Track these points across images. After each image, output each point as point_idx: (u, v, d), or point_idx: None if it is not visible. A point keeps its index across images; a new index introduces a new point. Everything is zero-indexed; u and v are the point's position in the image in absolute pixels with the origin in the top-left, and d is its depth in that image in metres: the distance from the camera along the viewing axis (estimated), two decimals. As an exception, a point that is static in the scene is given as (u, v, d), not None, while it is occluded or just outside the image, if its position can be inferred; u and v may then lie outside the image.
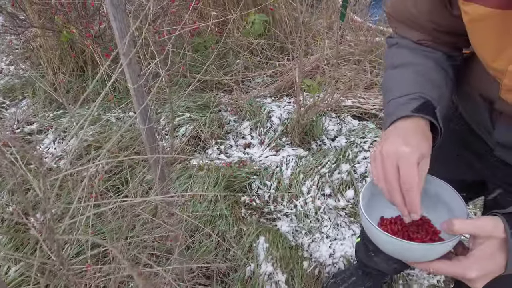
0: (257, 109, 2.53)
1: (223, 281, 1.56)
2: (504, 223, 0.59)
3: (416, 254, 0.63)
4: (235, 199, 1.93)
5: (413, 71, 0.76)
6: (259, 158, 2.22)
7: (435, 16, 0.74)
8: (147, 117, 1.05)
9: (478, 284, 0.61)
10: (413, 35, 0.80)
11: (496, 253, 0.59)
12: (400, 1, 0.78)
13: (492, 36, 0.61)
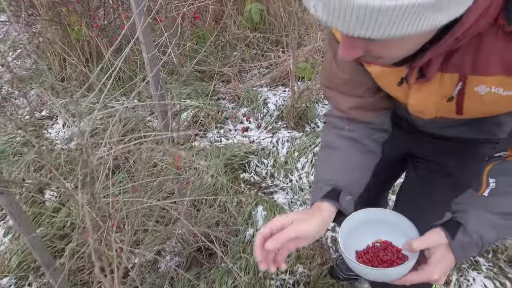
0: (254, 96, 2.68)
1: (225, 244, 1.70)
2: (444, 231, 0.78)
3: (393, 275, 0.81)
4: (234, 175, 2.07)
5: (335, 157, 0.95)
6: (257, 141, 2.36)
7: (358, 76, 0.90)
8: (159, 84, 1.20)
9: (441, 281, 0.79)
10: (345, 102, 0.95)
11: (445, 255, 0.77)
12: (331, 71, 0.93)
13: (391, 83, 0.84)
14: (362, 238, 0.89)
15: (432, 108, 0.85)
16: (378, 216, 0.90)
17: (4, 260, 1.56)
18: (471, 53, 0.71)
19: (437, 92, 0.80)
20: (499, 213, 0.76)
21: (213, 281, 1.51)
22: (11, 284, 1.53)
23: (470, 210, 0.78)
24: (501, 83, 0.71)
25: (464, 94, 0.77)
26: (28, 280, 1.54)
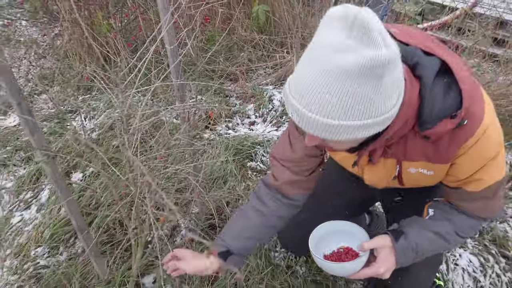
0: (260, 93, 2.87)
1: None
2: (390, 236, 1.04)
3: (350, 268, 1.06)
4: (242, 164, 2.26)
5: (240, 223, 1.22)
6: (263, 134, 2.55)
7: (303, 160, 1.16)
8: (179, 73, 1.39)
9: (386, 275, 1.04)
10: (284, 175, 1.19)
11: (389, 255, 1.04)
12: (284, 147, 1.18)
13: (350, 161, 1.12)
14: (328, 245, 1.18)
15: (383, 182, 1.14)
16: (341, 227, 1.20)
17: (38, 233, 1.75)
18: (401, 147, 0.99)
19: (383, 171, 1.08)
20: (432, 231, 1.05)
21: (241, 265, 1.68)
22: (45, 253, 1.72)
23: (413, 225, 1.07)
24: (424, 166, 1.01)
25: (402, 173, 1.06)
26: (59, 250, 1.73)
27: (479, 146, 0.91)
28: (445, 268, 1.73)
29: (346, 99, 0.73)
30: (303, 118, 0.77)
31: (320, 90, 0.73)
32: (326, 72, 0.72)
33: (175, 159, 1.55)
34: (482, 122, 0.88)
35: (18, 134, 2.43)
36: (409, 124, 0.90)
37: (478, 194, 1.00)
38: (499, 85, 2.54)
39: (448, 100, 0.86)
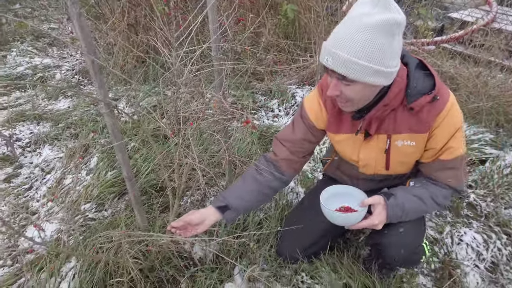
0: (284, 90, 3.11)
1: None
2: (383, 196, 1.32)
3: (352, 218, 1.31)
4: (266, 148, 2.48)
5: (240, 186, 1.48)
6: (285, 125, 2.77)
7: (303, 142, 1.47)
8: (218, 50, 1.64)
9: (379, 226, 1.30)
10: (282, 152, 1.49)
11: (382, 210, 1.30)
12: (287, 130, 1.51)
13: (348, 147, 1.42)
14: (332, 204, 1.39)
15: (372, 162, 1.41)
16: (344, 190, 1.45)
17: (87, 191, 2.01)
18: (391, 121, 1.30)
19: (376, 147, 1.36)
20: (414, 194, 1.33)
21: (247, 215, 1.90)
22: (92, 208, 1.97)
23: (399, 190, 1.35)
24: (408, 138, 1.31)
25: (390, 149, 1.35)
26: (104, 206, 1.98)
27: (449, 118, 1.25)
28: (450, 242, 1.88)
29: (367, 46, 1.05)
30: (335, 58, 1.06)
31: (349, 38, 1.05)
32: (355, 28, 1.05)
33: (207, 137, 1.78)
34: (449, 99, 1.26)
35: (68, 114, 2.74)
36: (399, 97, 1.24)
37: (450, 163, 1.32)
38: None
39: (426, 83, 1.24)
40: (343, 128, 1.39)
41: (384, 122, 1.31)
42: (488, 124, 2.65)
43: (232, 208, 1.43)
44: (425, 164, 1.38)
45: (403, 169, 1.44)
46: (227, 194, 1.45)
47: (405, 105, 1.25)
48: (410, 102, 1.23)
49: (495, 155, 2.39)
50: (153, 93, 3.00)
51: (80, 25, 1.24)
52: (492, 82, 2.80)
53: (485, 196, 2.15)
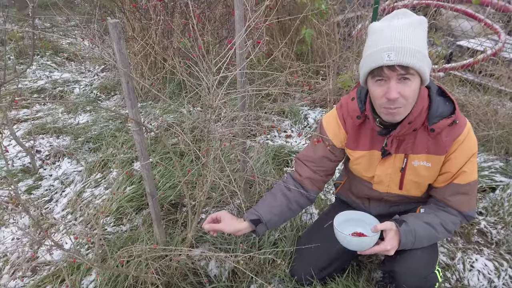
0: (297, 111, 3.18)
1: (271, 214, 2.13)
2: (395, 223, 1.36)
3: (365, 243, 1.34)
4: (279, 168, 2.53)
5: (270, 201, 1.55)
6: (298, 145, 2.83)
7: (323, 160, 1.54)
8: (243, 75, 1.71)
9: (391, 252, 1.33)
10: (305, 171, 1.57)
11: (394, 237, 1.34)
12: (307, 151, 1.59)
13: (366, 163, 1.48)
14: (345, 229, 1.42)
15: (387, 179, 1.47)
16: (357, 216, 1.50)
17: (107, 205, 2.06)
18: (410, 142, 1.36)
19: (393, 165, 1.43)
20: (424, 221, 1.38)
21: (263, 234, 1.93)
22: (111, 222, 2.02)
23: (410, 216, 1.39)
24: (425, 159, 1.37)
25: (406, 168, 1.41)
26: (123, 221, 2.03)
27: (466, 143, 1.32)
28: (461, 268, 1.91)
29: (416, 35, 1.16)
30: (399, 50, 1.13)
31: (403, 32, 1.15)
32: (398, 27, 1.16)
33: (225, 154, 1.84)
34: (466, 125, 1.33)
35: (87, 129, 2.82)
36: (422, 117, 1.30)
37: (463, 188, 1.36)
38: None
39: (447, 107, 1.32)
40: (361, 145, 1.46)
41: (403, 142, 1.37)
42: (498, 152, 2.69)
43: (263, 221, 1.49)
44: (438, 188, 1.43)
45: (416, 191, 1.49)
46: (259, 208, 1.52)
47: (426, 126, 1.32)
48: (431, 124, 1.30)
49: (505, 183, 2.42)
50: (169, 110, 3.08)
51: (118, 48, 1.32)
52: (502, 111, 2.86)
53: (496, 224, 2.18)
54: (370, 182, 1.54)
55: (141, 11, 2.96)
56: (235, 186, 1.56)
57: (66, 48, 4.48)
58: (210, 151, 1.45)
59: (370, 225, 1.42)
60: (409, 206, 1.58)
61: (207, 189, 1.72)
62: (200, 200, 1.71)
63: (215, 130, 1.35)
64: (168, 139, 2.62)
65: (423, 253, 1.43)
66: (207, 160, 1.47)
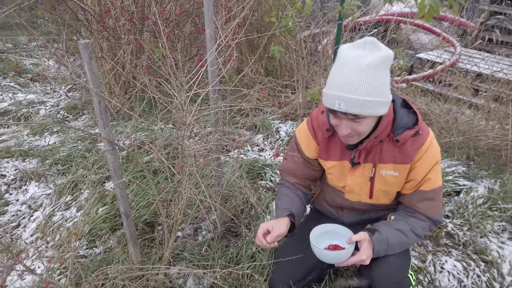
0: (268, 125, 3.23)
1: (249, 228, 2.14)
2: (367, 232, 1.41)
3: (341, 256, 1.38)
4: (254, 182, 2.55)
5: (288, 199, 1.62)
6: (271, 158, 2.87)
7: (304, 169, 1.62)
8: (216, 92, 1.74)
9: (367, 261, 1.37)
10: (291, 179, 1.66)
11: (368, 246, 1.38)
12: (287, 162, 1.66)
13: (337, 172, 1.53)
14: (321, 243, 1.47)
15: (357, 189, 1.53)
16: (332, 229, 1.53)
17: (79, 228, 2.00)
18: (378, 152, 1.43)
19: (362, 175, 1.49)
20: (395, 228, 1.44)
21: (240, 248, 1.94)
22: (83, 245, 1.96)
23: (382, 225, 1.46)
24: (392, 168, 1.44)
25: (375, 177, 1.47)
26: (95, 243, 1.97)
27: (429, 151, 1.40)
28: (432, 270, 1.98)
29: (372, 82, 1.17)
30: (348, 101, 1.18)
31: (355, 80, 1.17)
32: (358, 69, 1.17)
33: (200, 170, 1.85)
34: (429, 135, 1.41)
35: (55, 151, 2.74)
36: (387, 130, 1.38)
37: (429, 194, 1.44)
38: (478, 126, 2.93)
39: (410, 118, 1.39)
40: (332, 156, 1.52)
41: (371, 153, 1.44)
42: (460, 157, 2.84)
43: (295, 213, 1.54)
44: (406, 196, 1.50)
45: (385, 199, 1.55)
46: (285, 205, 1.57)
47: (391, 137, 1.39)
48: (396, 135, 1.37)
49: (468, 186, 2.55)
50: (140, 128, 3.05)
51: (89, 68, 1.32)
52: (462, 118, 3.03)
53: (462, 226, 2.28)
54: (342, 192, 1.59)
55: (109, 30, 2.95)
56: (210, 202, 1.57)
57: (30, 69, 4.36)
58: (185, 167, 1.46)
59: (345, 237, 1.45)
60: (379, 213, 1.64)
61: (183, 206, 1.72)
62: (176, 217, 1.70)
63: (189, 146, 1.36)
64: (141, 157, 2.60)
65: (396, 258, 1.49)
66: (182, 177, 1.48)
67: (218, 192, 2.05)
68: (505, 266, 2.00)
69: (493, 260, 2.02)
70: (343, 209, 1.68)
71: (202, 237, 2.06)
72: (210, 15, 1.54)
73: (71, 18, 3.40)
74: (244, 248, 1.95)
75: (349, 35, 3.91)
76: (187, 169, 1.44)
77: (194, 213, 1.81)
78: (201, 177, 2.15)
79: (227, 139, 1.51)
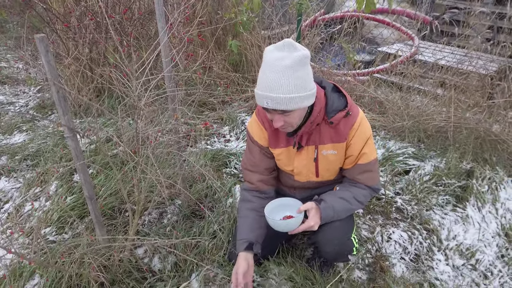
0: (234, 118, 3.38)
1: (212, 210, 2.28)
2: (315, 202, 1.59)
3: (292, 224, 1.53)
4: (218, 169, 2.69)
5: (246, 223, 1.70)
6: (236, 148, 3.02)
7: (262, 159, 1.73)
8: (170, 79, 1.87)
9: (315, 228, 1.54)
10: (253, 178, 1.75)
11: (315, 214, 1.55)
12: (247, 157, 1.77)
13: (285, 158, 1.69)
14: (276, 215, 1.62)
15: (304, 170, 1.67)
16: (284, 202, 1.68)
17: (47, 216, 2.10)
18: (317, 135, 1.59)
19: (307, 157, 1.64)
20: (339, 197, 1.62)
21: (202, 228, 2.08)
22: (52, 231, 2.06)
23: (327, 195, 1.63)
24: (331, 147, 1.60)
25: (318, 158, 1.63)
26: (65, 230, 2.08)
27: (360, 129, 1.58)
28: (380, 240, 2.17)
29: (293, 81, 1.33)
30: (274, 100, 1.33)
31: (277, 81, 1.32)
32: (277, 71, 1.33)
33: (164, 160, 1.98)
34: (358, 115, 1.59)
35: (24, 147, 2.81)
36: (321, 114, 1.54)
37: (366, 166, 1.63)
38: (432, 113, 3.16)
39: (340, 101, 1.56)
40: (280, 143, 1.67)
41: (312, 136, 1.60)
42: (411, 140, 3.06)
43: (254, 241, 1.65)
44: (347, 170, 1.69)
45: (330, 175, 1.72)
46: (242, 235, 1.67)
47: (326, 120, 1.56)
48: (330, 117, 1.54)
49: (417, 166, 2.76)
50: (109, 124, 3.15)
51: (46, 59, 1.44)
52: (412, 104, 3.25)
53: (410, 201, 2.48)
54: (292, 174, 1.75)
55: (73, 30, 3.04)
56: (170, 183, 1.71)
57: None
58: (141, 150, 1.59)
59: (296, 208, 1.61)
60: (327, 188, 1.81)
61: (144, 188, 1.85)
62: (139, 198, 1.83)
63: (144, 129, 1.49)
64: (107, 150, 2.70)
65: (340, 223, 1.66)
66: (138, 159, 1.61)
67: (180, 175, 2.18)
68: (444, 232, 2.21)
69: (434, 228, 2.22)
70: (295, 188, 1.84)
71: (167, 220, 2.18)
72: (161, 10, 1.68)
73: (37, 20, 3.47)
74: (206, 227, 2.10)
75: (312, 32, 4.10)
76: (143, 151, 1.57)
77: (157, 196, 1.93)
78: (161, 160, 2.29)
79: (189, 126, 1.64)
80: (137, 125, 1.51)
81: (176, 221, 2.18)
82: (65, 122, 1.60)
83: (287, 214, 1.66)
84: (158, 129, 1.58)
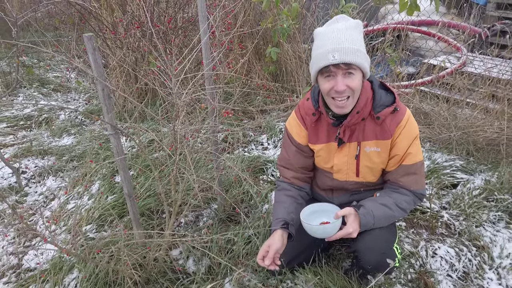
0: (273, 126, 3.36)
1: (247, 215, 2.26)
2: (353, 207, 1.51)
3: (329, 229, 1.47)
4: (255, 176, 2.67)
5: (281, 206, 1.69)
6: (273, 156, 2.99)
7: (298, 158, 1.71)
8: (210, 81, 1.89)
9: (354, 234, 1.46)
10: (288, 174, 1.75)
11: (354, 220, 1.48)
12: (282, 153, 1.77)
13: (325, 154, 1.65)
14: (313, 221, 1.56)
15: (344, 167, 1.63)
16: (321, 208, 1.63)
17: (89, 214, 2.17)
18: (361, 130, 1.54)
19: (348, 153, 1.60)
20: (380, 203, 1.53)
21: (237, 232, 2.05)
22: (93, 229, 2.12)
23: (367, 200, 1.56)
24: (375, 144, 1.55)
25: (360, 154, 1.58)
26: (104, 228, 2.13)
27: (408, 127, 1.51)
28: (424, 255, 2.04)
29: (357, 36, 1.37)
30: (341, 51, 1.32)
31: (344, 35, 1.35)
32: (340, 30, 1.37)
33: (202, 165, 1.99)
34: (406, 112, 1.53)
35: (71, 149, 2.95)
36: (368, 107, 1.49)
37: (412, 168, 1.54)
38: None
39: (388, 97, 1.52)
40: (320, 139, 1.63)
41: (355, 132, 1.55)
42: (459, 152, 2.89)
43: (289, 222, 1.63)
44: (390, 172, 1.60)
45: (371, 176, 1.64)
46: (279, 215, 1.65)
47: (372, 115, 1.51)
48: (376, 112, 1.49)
49: (466, 179, 2.60)
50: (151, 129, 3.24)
51: (93, 58, 1.50)
52: (460, 115, 3.08)
53: (458, 216, 2.33)
54: (330, 172, 1.69)
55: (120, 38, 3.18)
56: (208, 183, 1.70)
57: (52, 80, 4.67)
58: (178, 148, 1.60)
59: (333, 214, 1.54)
60: (367, 194, 1.73)
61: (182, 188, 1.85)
62: (175, 198, 1.84)
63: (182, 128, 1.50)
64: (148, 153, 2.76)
65: (381, 231, 1.57)
66: (175, 157, 1.62)
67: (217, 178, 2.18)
68: (496, 250, 2.04)
69: (485, 245, 2.06)
70: (333, 191, 1.78)
71: (203, 223, 2.18)
72: (204, 13, 1.71)
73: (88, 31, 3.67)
74: (241, 231, 2.07)
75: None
76: (179, 149, 1.58)
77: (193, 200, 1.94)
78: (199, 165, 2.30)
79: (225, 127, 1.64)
80: (174, 122, 1.53)
81: (211, 224, 2.17)
82: (108, 119, 1.65)
83: (324, 220, 1.59)
84: (196, 128, 1.59)
